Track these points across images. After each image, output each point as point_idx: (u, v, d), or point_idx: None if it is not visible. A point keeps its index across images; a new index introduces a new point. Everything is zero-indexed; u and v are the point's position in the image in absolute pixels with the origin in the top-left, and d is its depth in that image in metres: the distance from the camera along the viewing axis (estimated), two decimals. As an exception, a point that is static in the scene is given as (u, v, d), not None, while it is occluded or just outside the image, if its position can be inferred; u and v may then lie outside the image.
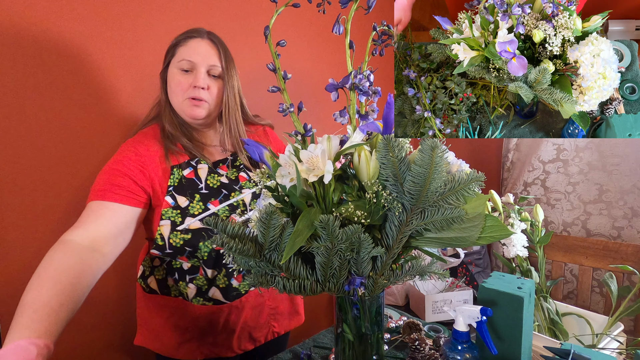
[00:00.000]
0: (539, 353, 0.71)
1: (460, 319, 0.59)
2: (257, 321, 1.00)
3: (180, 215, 0.88)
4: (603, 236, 1.66)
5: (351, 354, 0.60)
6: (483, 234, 0.52)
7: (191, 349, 0.94)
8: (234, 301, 0.95)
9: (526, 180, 1.87)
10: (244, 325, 0.98)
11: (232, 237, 0.55)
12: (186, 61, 0.87)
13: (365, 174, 0.55)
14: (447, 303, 1.52)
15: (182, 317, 0.94)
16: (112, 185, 0.81)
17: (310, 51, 1.75)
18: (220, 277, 0.93)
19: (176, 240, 0.88)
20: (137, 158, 0.86)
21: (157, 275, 0.95)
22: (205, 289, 0.93)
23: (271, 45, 0.56)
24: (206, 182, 0.92)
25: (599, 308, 1.58)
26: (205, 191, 0.91)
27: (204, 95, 0.88)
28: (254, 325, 0.99)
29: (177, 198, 0.88)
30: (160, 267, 0.95)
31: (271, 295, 1.02)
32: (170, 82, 0.89)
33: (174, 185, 0.88)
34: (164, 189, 0.88)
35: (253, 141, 0.58)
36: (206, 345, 0.95)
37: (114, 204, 0.80)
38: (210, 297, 0.93)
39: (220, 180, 0.94)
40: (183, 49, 0.88)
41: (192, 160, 0.92)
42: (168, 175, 0.89)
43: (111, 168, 0.84)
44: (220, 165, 0.96)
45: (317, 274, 0.54)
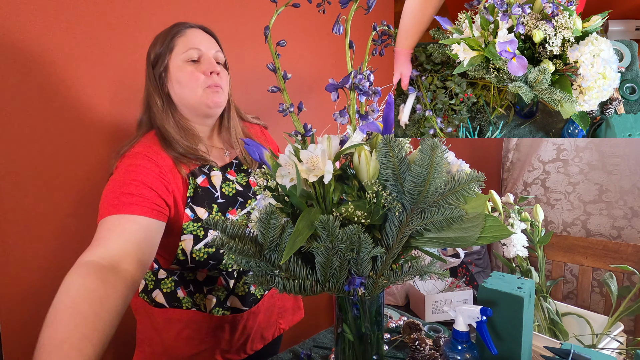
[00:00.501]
0: (539, 353, 0.71)
1: (460, 319, 0.59)
2: (268, 322, 1.01)
3: (202, 228, 0.82)
4: (603, 236, 1.66)
5: (351, 354, 0.60)
6: (483, 234, 0.52)
7: (205, 358, 0.92)
8: (252, 307, 0.96)
9: (526, 180, 1.87)
10: (258, 328, 0.98)
11: (232, 237, 0.55)
12: (194, 49, 0.82)
13: (365, 174, 0.55)
14: (447, 303, 1.52)
15: (196, 330, 0.89)
16: (132, 196, 0.71)
17: (310, 51, 1.75)
18: (240, 285, 0.93)
19: (199, 254, 0.82)
20: (155, 167, 0.76)
21: (164, 288, 0.89)
22: (224, 299, 0.92)
23: (271, 45, 0.56)
24: (221, 190, 0.87)
25: (599, 308, 1.58)
26: (222, 200, 0.86)
27: (219, 80, 0.83)
28: (266, 326, 1.01)
29: (195, 210, 0.82)
30: (167, 280, 0.90)
31: (280, 295, 1.04)
32: (180, 76, 0.82)
33: (191, 196, 0.82)
34: (184, 200, 0.81)
35: (253, 141, 0.57)
36: (220, 352, 0.94)
37: (136, 217, 0.70)
38: (230, 306, 0.92)
39: (235, 188, 0.89)
40: (183, 39, 0.82)
41: (204, 168, 0.86)
42: (187, 185, 0.81)
43: (125, 178, 0.74)
44: (228, 170, 0.91)
45: (317, 274, 0.54)
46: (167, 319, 0.90)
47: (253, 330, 0.97)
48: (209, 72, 0.82)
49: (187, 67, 0.82)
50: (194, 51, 0.82)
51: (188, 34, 0.83)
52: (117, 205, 0.70)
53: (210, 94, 0.82)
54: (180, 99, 0.84)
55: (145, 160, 0.77)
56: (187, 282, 0.90)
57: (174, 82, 0.83)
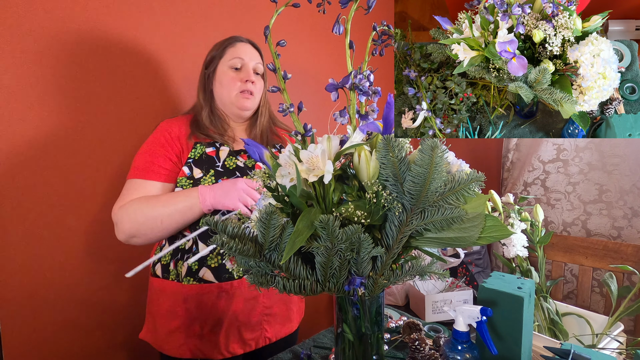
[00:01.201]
0: (539, 353, 0.71)
1: (460, 319, 0.59)
2: (248, 317, 0.97)
3: (192, 184, 0.95)
4: (603, 236, 1.66)
5: (351, 354, 0.60)
6: (483, 234, 0.52)
7: (179, 341, 0.93)
8: (224, 282, 0.94)
9: (526, 180, 1.87)
10: (233, 317, 0.95)
11: (232, 237, 0.55)
12: (238, 59, 1.00)
13: (365, 174, 0.55)
14: (447, 303, 1.51)
15: (174, 302, 0.95)
16: (153, 165, 0.93)
17: (310, 51, 1.75)
18: (213, 255, 0.94)
19: None
20: (170, 136, 0.97)
21: (162, 261, 0.99)
22: (196, 269, 0.94)
23: (271, 45, 0.56)
24: (224, 162, 0.99)
25: (599, 308, 1.58)
26: (221, 170, 0.97)
27: (253, 88, 1.01)
28: (245, 322, 0.96)
29: (193, 170, 0.96)
30: (167, 254, 0.99)
31: (267, 292, 0.99)
32: (222, 79, 1.00)
33: (194, 159, 0.97)
34: (183, 161, 0.97)
35: (253, 141, 0.58)
36: (193, 338, 0.93)
37: (154, 182, 0.93)
38: (201, 277, 0.94)
39: (237, 163, 0.99)
40: (232, 50, 1.01)
41: (217, 143, 1.00)
42: (190, 149, 0.98)
43: (150, 148, 0.95)
44: (242, 153, 1.02)
45: (317, 274, 0.54)
46: (158, 290, 0.98)
47: (226, 317, 0.94)
48: (245, 80, 1.00)
49: (230, 72, 1.00)
50: (238, 60, 1.00)
51: (238, 46, 1.02)
52: (143, 171, 0.93)
53: (241, 98, 1.01)
54: (219, 97, 1.03)
55: (164, 131, 0.97)
56: (178, 251, 0.97)
57: (217, 82, 1.02)
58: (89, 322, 1.15)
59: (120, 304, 1.21)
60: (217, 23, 1.39)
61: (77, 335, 1.13)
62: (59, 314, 1.09)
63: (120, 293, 1.21)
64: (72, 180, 1.11)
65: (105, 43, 1.14)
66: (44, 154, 1.06)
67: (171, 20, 1.28)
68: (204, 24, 1.36)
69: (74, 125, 1.10)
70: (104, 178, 1.16)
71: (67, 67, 1.08)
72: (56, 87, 1.07)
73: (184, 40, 1.31)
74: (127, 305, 1.22)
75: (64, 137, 1.09)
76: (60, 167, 1.09)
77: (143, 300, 1.07)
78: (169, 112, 1.28)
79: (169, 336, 0.95)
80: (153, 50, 1.24)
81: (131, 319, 1.23)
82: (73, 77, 1.09)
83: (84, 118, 1.12)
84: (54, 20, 1.05)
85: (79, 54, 1.10)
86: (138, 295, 1.23)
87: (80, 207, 1.12)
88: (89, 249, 1.14)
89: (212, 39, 1.09)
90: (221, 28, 1.40)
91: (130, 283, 1.22)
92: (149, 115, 1.24)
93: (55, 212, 1.08)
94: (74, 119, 1.10)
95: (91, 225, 1.15)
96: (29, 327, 1.04)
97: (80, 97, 1.11)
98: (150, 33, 1.23)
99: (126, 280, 1.21)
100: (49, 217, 1.07)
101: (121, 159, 1.18)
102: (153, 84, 1.25)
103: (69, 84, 1.09)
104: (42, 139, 1.05)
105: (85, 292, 1.14)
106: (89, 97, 1.12)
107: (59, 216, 1.09)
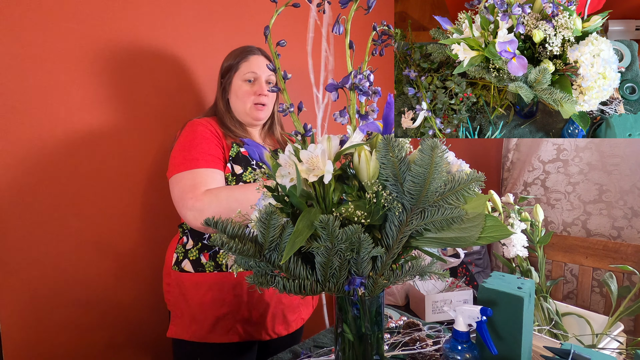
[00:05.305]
0: (539, 353, 0.71)
1: (460, 319, 0.59)
2: (290, 300, 1.07)
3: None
4: (603, 236, 1.66)
5: (351, 354, 0.60)
6: (483, 234, 0.52)
7: (226, 327, 1.00)
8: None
9: (526, 180, 1.87)
10: (278, 301, 1.05)
11: (232, 237, 0.55)
12: (251, 73, 1.07)
13: (365, 174, 0.55)
14: (447, 303, 1.51)
15: (218, 290, 1.00)
16: (212, 156, 0.99)
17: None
18: None
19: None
20: (215, 133, 1.03)
21: (190, 257, 1.03)
22: None
23: (271, 45, 0.56)
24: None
25: (599, 308, 1.58)
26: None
27: (266, 100, 1.08)
28: (288, 304, 1.07)
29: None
30: (193, 249, 1.04)
31: None
32: (237, 92, 1.08)
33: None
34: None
35: (252, 141, 0.58)
36: (241, 322, 1.00)
37: (219, 171, 0.99)
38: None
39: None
40: (246, 64, 1.08)
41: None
42: (230, 147, 1.05)
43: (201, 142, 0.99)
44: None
45: (317, 274, 0.54)
46: (193, 284, 1.02)
47: (273, 300, 1.03)
48: (258, 93, 1.07)
49: (244, 86, 1.08)
50: (251, 74, 1.08)
51: (251, 60, 1.09)
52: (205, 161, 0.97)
53: (255, 110, 1.08)
54: (234, 107, 1.10)
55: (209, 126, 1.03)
56: (210, 247, 1.01)
57: (233, 94, 1.09)
58: (89, 322, 1.15)
59: (121, 304, 1.21)
60: (218, 23, 1.39)
61: (77, 335, 1.13)
62: (59, 314, 1.09)
63: (121, 293, 1.21)
64: (72, 180, 1.11)
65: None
66: (43, 154, 1.06)
67: (171, 20, 1.28)
68: (204, 24, 1.36)
69: (74, 126, 1.10)
70: (104, 178, 1.16)
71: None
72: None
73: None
74: (128, 306, 1.22)
75: (63, 138, 1.09)
76: (61, 167, 1.09)
77: (143, 300, 1.07)
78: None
79: (215, 324, 1.00)
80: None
81: (132, 319, 1.23)
82: (84, 80, 1.09)
83: (84, 119, 1.12)
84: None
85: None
86: (138, 295, 1.23)
87: (80, 207, 1.12)
88: (90, 249, 1.14)
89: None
90: (221, 28, 1.40)
91: (130, 283, 1.22)
92: (149, 115, 1.24)
93: (56, 212, 1.08)
94: (74, 120, 1.10)
95: (92, 226, 1.15)
96: (29, 327, 1.04)
97: (87, 98, 1.11)
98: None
99: (127, 280, 1.21)
100: (49, 217, 1.07)
101: (121, 160, 1.19)
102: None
103: (87, 85, 1.09)
104: (41, 140, 1.05)
105: (86, 292, 1.14)
106: (93, 98, 1.12)
107: (59, 216, 1.09)
